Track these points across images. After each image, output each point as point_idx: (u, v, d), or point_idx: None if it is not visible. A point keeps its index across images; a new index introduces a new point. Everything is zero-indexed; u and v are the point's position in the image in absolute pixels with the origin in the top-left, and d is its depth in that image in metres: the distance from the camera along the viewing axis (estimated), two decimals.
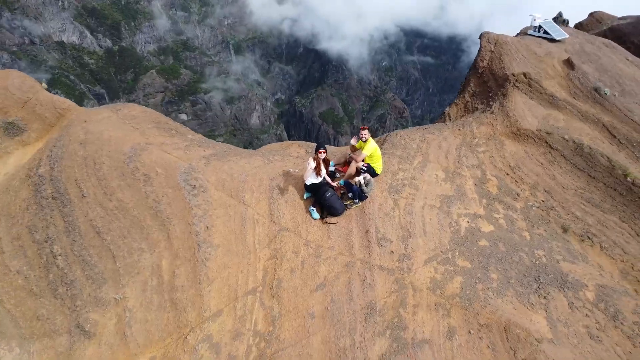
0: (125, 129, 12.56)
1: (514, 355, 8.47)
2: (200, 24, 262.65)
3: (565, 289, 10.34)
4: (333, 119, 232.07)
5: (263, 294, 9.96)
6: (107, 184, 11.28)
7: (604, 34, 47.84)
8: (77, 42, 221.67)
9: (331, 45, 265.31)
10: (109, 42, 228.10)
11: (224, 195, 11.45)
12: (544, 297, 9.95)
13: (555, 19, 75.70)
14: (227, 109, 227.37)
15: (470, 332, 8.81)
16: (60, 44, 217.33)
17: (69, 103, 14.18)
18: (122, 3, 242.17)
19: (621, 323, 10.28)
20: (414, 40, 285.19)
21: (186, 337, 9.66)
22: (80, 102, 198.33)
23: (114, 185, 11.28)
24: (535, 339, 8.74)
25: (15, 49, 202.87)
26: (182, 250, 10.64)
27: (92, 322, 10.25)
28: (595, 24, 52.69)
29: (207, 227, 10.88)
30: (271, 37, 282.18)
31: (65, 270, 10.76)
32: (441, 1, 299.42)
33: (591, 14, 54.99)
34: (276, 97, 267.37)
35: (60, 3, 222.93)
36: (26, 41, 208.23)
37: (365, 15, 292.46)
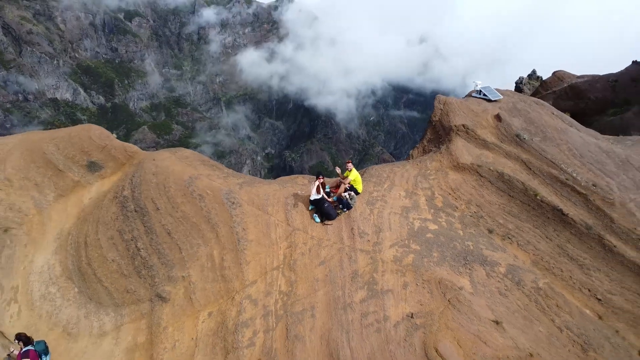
0: (183, 165, 18.33)
1: (444, 296, 13.90)
2: (193, 81, 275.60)
3: (485, 265, 15.89)
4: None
5: (284, 269, 15.35)
6: (174, 200, 16.86)
7: (565, 91, 55.95)
8: (70, 99, 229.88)
9: (320, 101, 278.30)
10: (102, 99, 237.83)
11: (254, 208, 17.06)
12: (469, 269, 15.47)
13: (529, 76, 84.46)
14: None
15: (417, 284, 14.26)
16: (54, 100, 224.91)
17: (136, 148, 20.02)
18: (116, 62, 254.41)
19: (522, 287, 15.76)
20: (401, 95, 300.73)
21: (233, 298, 14.91)
22: None
23: (179, 201, 16.86)
24: (458, 287, 14.19)
25: (8, 105, 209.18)
26: (227, 243, 16.06)
27: (167, 292, 15.45)
28: (558, 82, 61.28)
29: (244, 228, 16.38)
30: (261, 93, 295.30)
31: (146, 259, 16.07)
32: (425, 58, 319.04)
33: (554, 73, 63.86)
34: (266, 151, 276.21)
35: (55, 62, 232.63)
36: (20, 98, 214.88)
37: (352, 71, 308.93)
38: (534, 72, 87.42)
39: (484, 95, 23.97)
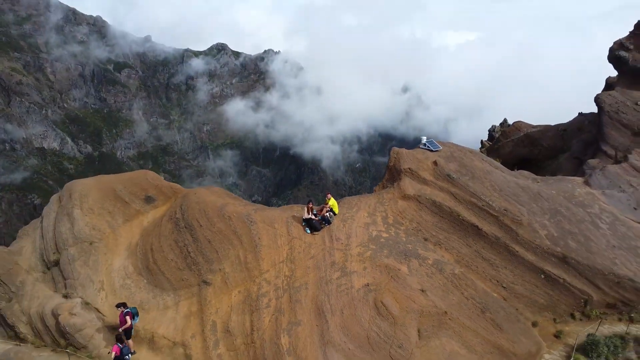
0: (215, 197, 27.50)
1: (389, 274, 22.88)
2: (180, 130, 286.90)
3: (418, 259, 24.95)
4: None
5: (287, 262, 24.25)
6: (211, 220, 25.85)
7: (521, 139, 66.42)
8: (57, 148, 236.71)
9: (306, 148, 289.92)
10: (89, 148, 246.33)
11: (265, 225, 26.10)
12: (407, 260, 24.52)
13: (501, 124, 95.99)
14: None
15: (372, 268, 23.27)
16: (41, 149, 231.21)
17: (178, 186, 29.22)
18: (105, 111, 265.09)
19: (443, 272, 24.76)
20: (386, 142, 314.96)
21: (254, 280, 23.66)
22: None
23: (215, 220, 25.84)
24: (398, 269, 23.20)
25: None
26: (248, 247, 24.93)
27: (209, 279, 24.10)
28: (516, 131, 72.39)
29: (259, 238, 25.33)
30: (247, 141, 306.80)
31: (194, 258, 24.83)
32: (408, 107, 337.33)
33: (513, 123, 75.26)
34: (253, 198, 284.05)
35: (44, 111, 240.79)
36: (7, 147, 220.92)
37: (338, 119, 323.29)
38: (505, 120, 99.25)
39: (428, 147, 33.77)
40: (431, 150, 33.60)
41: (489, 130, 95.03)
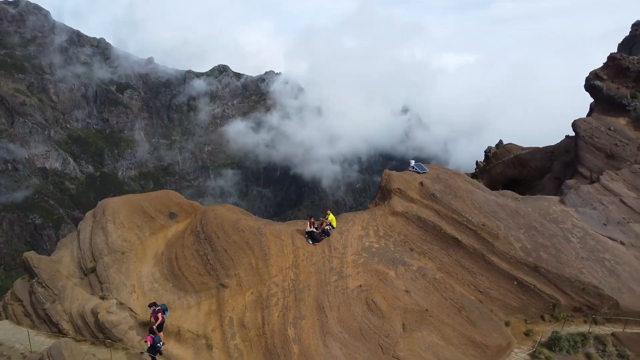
0: (230, 212, 32.31)
1: (378, 277, 27.55)
2: (181, 150, 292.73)
3: (405, 265, 29.62)
4: None
5: (292, 268, 28.94)
6: (227, 233, 30.60)
7: (511, 161, 71.30)
8: (59, 169, 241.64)
9: (306, 168, 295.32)
10: (91, 168, 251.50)
11: (273, 236, 30.84)
12: (395, 266, 29.19)
13: (497, 145, 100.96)
14: None
15: (365, 272, 27.96)
16: (43, 169, 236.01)
17: (197, 204, 34.04)
18: (107, 132, 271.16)
19: (425, 277, 29.40)
20: (386, 162, 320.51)
21: (265, 283, 28.31)
22: (57, 225, 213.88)
23: (230, 233, 30.59)
24: (386, 274, 27.87)
25: None
26: (259, 256, 29.62)
27: (226, 282, 28.72)
28: (506, 153, 77.34)
29: (268, 247, 30.04)
30: (248, 161, 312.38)
31: (213, 265, 29.49)
32: (406, 127, 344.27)
33: (505, 145, 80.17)
34: None
35: (46, 132, 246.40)
36: (9, 167, 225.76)
37: (338, 139, 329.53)
38: (500, 142, 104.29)
39: (416, 169, 38.72)
40: (419, 172, 38.52)
41: (485, 152, 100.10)
